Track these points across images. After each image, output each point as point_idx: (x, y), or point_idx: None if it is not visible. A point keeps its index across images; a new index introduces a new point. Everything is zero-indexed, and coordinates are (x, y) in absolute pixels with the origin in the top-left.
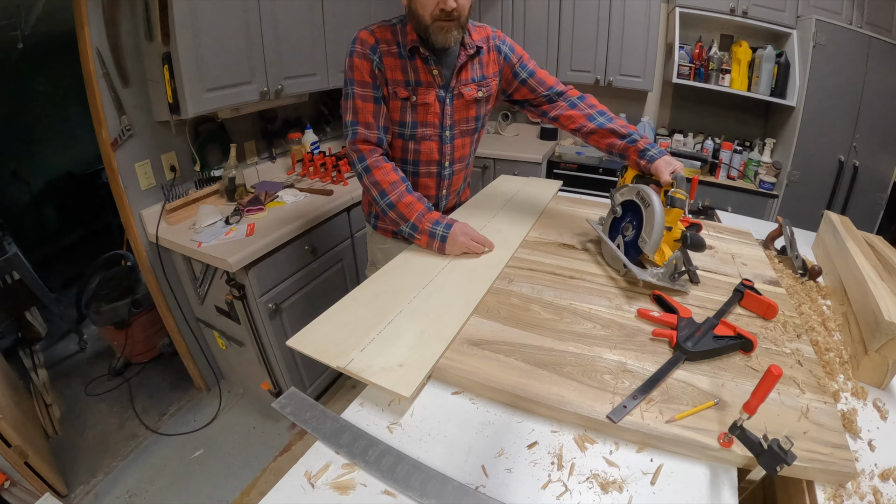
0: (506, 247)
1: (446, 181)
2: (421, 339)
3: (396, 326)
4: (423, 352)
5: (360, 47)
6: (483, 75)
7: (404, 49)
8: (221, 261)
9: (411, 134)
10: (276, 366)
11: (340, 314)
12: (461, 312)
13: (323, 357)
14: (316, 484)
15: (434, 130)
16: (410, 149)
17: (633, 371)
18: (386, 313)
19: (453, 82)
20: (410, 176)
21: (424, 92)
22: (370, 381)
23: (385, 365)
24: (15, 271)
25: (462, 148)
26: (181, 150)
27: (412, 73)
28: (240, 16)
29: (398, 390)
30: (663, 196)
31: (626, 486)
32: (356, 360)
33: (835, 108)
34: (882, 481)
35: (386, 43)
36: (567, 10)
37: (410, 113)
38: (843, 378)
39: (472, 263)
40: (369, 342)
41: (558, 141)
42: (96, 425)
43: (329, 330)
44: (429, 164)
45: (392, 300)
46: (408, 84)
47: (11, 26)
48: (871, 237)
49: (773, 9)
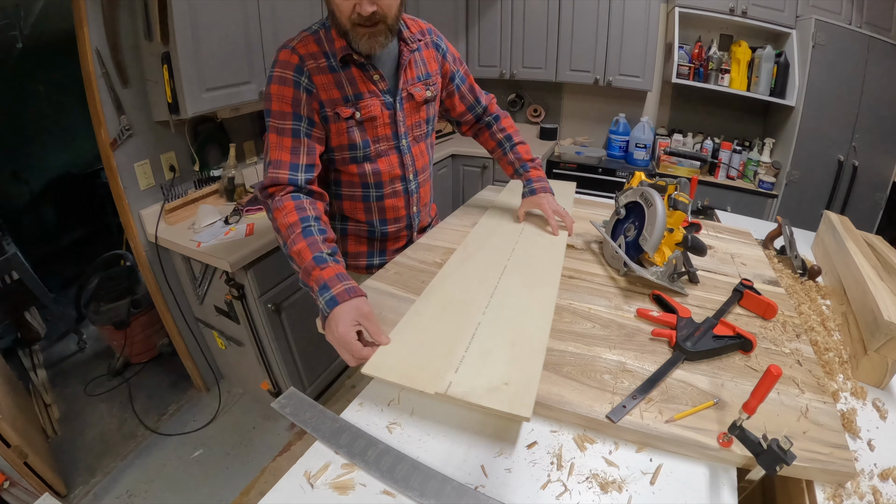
0: (554, 248)
1: (414, 196)
2: (514, 352)
3: (482, 341)
4: (523, 366)
5: (281, 70)
6: (428, 73)
7: (334, 59)
8: (220, 261)
9: (365, 155)
10: (276, 366)
11: (412, 332)
12: (542, 320)
13: (415, 384)
14: (315, 484)
15: (389, 144)
16: (368, 171)
17: (632, 371)
18: (462, 327)
19: (400, 84)
20: (375, 201)
21: (368, 104)
22: (482, 406)
23: (490, 385)
24: (14, 271)
25: (421, 156)
26: (180, 149)
27: (349, 85)
28: (239, 15)
29: (516, 412)
30: (666, 199)
31: (625, 485)
32: (454, 382)
33: (834, 107)
34: (881, 481)
35: (312, 58)
36: (566, 9)
37: (358, 132)
38: (842, 378)
39: (529, 265)
40: (460, 361)
41: (557, 141)
42: (95, 425)
43: (407, 352)
44: (392, 183)
45: (462, 312)
46: (346, 100)
47: (11, 26)
48: (871, 237)
49: (773, 9)
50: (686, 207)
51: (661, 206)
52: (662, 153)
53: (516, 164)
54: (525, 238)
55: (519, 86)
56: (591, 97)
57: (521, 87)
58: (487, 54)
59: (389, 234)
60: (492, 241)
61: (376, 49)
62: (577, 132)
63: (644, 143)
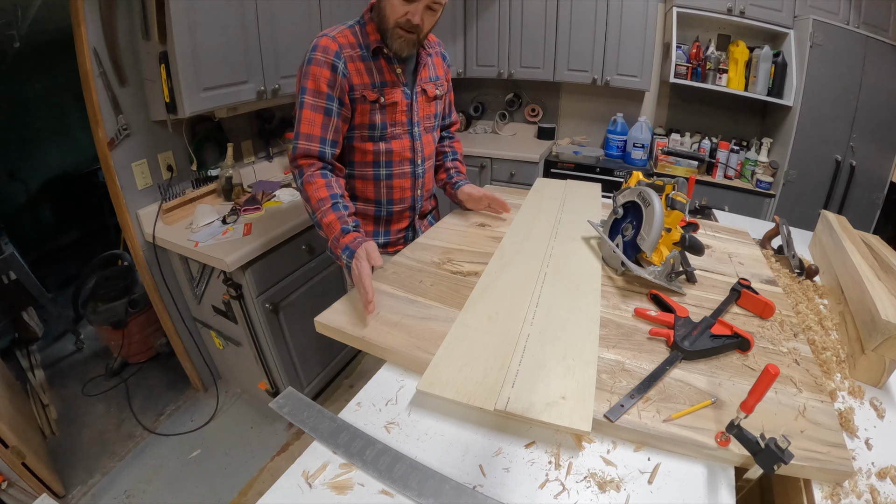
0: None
1: (420, 180)
2: (567, 364)
3: (534, 353)
4: (578, 378)
5: (322, 55)
6: (437, 75)
7: (366, 50)
8: (218, 260)
9: (381, 135)
10: (274, 365)
11: (462, 345)
12: (590, 330)
13: (473, 400)
14: (313, 484)
15: (403, 129)
16: (382, 150)
17: (630, 370)
18: (511, 339)
19: (417, 80)
20: (385, 179)
21: (391, 91)
22: (541, 422)
23: (547, 400)
24: (11, 271)
25: (428, 145)
26: (178, 149)
27: (377, 73)
28: (237, 15)
29: (576, 426)
30: (664, 199)
31: (623, 485)
32: (512, 398)
33: (832, 107)
34: (879, 480)
35: (349, 47)
36: (564, 9)
37: (380, 114)
38: (839, 377)
39: (568, 271)
40: (515, 375)
41: (555, 140)
42: (93, 425)
43: (460, 366)
44: (402, 164)
45: (509, 323)
46: (374, 86)
47: (8, 25)
48: (868, 236)
49: (771, 9)
50: (684, 207)
51: (658, 206)
52: (660, 153)
53: (450, 170)
54: (559, 243)
55: (517, 85)
56: (589, 97)
57: (519, 86)
58: (485, 54)
59: (394, 213)
60: (527, 246)
61: (405, 51)
62: (575, 132)
63: (642, 143)
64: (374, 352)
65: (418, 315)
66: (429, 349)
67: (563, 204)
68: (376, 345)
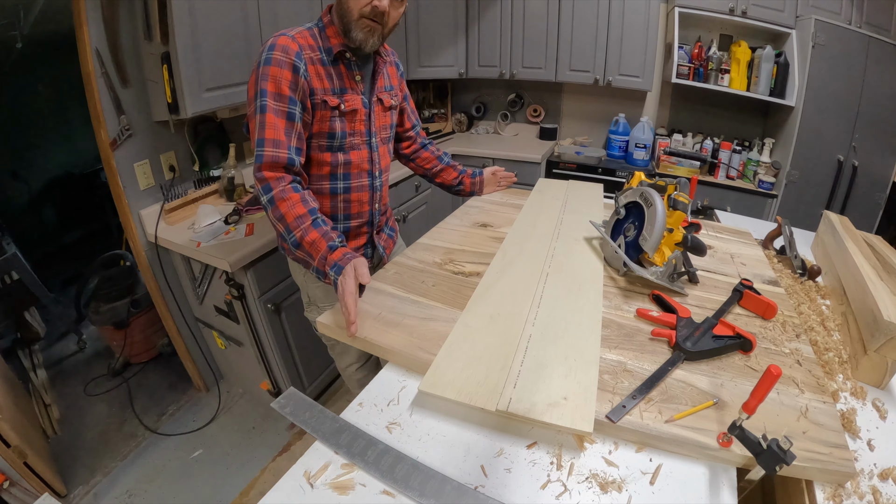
0: (590, 251)
1: (378, 193)
2: (568, 364)
3: (536, 354)
4: (580, 379)
5: (283, 55)
6: (391, 85)
7: (326, 54)
8: (220, 261)
9: (340, 145)
10: (276, 366)
11: (464, 345)
12: (591, 330)
13: (474, 400)
14: (315, 484)
15: (362, 139)
16: (340, 161)
17: (632, 371)
18: (513, 339)
19: (374, 89)
20: (342, 192)
21: (351, 98)
22: (543, 422)
23: (549, 400)
24: (14, 271)
25: (385, 157)
26: (180, 149)
27: (336, 79)
28: (239, 15)
29: (578, 427)
30: (666, 200)
31: (625, 485)
32: (514, 398)
33: (834, 107)
34: (881, 481)
35: (309, 49)
36: (566, 9)
37: (339, 122)
38: (842, 378)
39: (570, 271)
40: (517, 376)
41: (557, 141)
42: (95, 425)
43: (462, 366)
44: (360, 177)
45: (511, 323)
46: (334, 91)
47: (10, 26)
48: (871, 237)
49: (773, 9)
50: (686, 207)
51: (660, 206)
52: (662, 153)
53: (457, 167)
54: (561, 244)
55: (519, 86)
56: (591, 97)
57: (521, 87)
58: (487, 54)
59: (351, 228)
60: (529, 247)
61: (368, 44)
62: (577, 132)
63: (644, 143)
64: (375, 352)
65: (420, 315)
66: (430, 349)
67: (565, 204)
68: (378, 345)
